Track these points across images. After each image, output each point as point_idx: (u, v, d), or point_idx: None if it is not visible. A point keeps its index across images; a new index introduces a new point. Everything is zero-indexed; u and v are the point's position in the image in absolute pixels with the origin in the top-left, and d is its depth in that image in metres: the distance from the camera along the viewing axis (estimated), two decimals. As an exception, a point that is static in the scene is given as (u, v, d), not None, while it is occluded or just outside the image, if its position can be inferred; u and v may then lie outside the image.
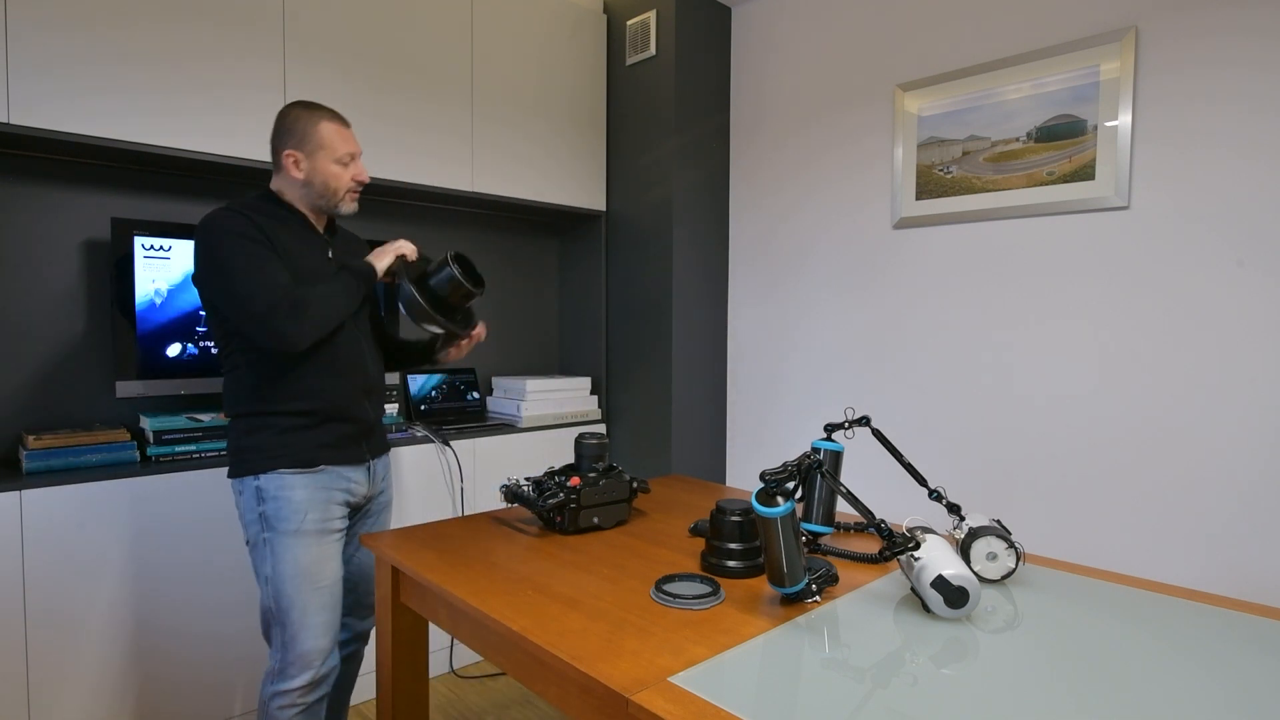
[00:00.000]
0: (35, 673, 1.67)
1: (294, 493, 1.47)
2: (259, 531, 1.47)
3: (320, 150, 1.49)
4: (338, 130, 1.50)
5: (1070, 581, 1.24)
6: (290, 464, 1.47)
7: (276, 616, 1.49)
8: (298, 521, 1.47)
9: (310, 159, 1.49)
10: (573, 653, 0.95)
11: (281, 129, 1.50)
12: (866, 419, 1.37)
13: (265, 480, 1.46)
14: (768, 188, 2.75)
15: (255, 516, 1.47)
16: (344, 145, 1.51)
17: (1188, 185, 1.81)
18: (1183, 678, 0.90)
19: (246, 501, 1.48)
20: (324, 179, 1.51)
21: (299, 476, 1.48)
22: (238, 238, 1.39)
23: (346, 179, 1.53)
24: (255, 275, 1.37)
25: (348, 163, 1.52)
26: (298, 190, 1.53)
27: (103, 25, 1.76)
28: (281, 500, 1.46)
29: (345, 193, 1.54)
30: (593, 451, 1.60)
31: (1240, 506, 1.75)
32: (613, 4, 2.88)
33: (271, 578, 1.47)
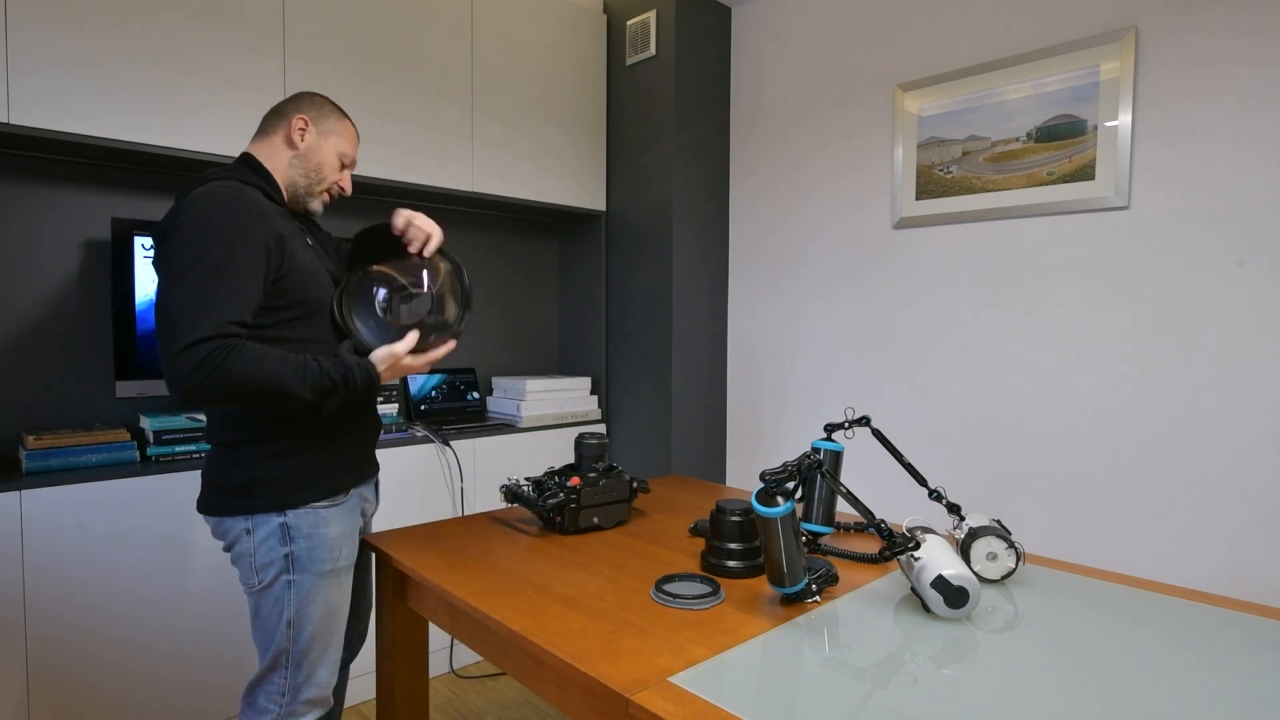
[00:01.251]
0: (35, 672, 1.67)
1: (329, 529, 1.30)
2: (279, 573, 1.27)
3: (333, 135, 1.37)
4: (354, 134, 1.44)
5: (1070, 581, 1.24)
6: (320, 495, 1.30)
7: (292, 659, 1.31)
8: (333, 561, 1.31)
9: (319, 137, 1.36)
10: (573, 653, 0.95)
11: (302, 101, 1.37)
12: (866, 419, 1.37)
13: (295, 517, 1.27)
14: (768, 187, 2.75)
15: (278, 557, 1.27)
16: (352, 148, 1.42)
17: (1188, 185, 1.81)
18: (1183, 678, 0.90)
19: (264, 541, 1.27)
20: (319, 161, 1.37)
21: (333, 510, 1.31)
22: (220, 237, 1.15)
23: (335, 177, 1.40)
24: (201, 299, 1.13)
25: (345, 165, 1.42)
26: (284, 160, 1.35)
27: (103, 25, 1.76)
28: (316, 539, 1.28)
29: (325, 188, 1.40)
30: (593, 451, 1.60)
31: (1241, 506, 1.75)
32: (613, 4, 2.88)
33: (296, 622, 1.29)
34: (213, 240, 1.15)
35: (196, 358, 1.11)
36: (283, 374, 1.18)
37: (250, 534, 1.28)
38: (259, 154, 1.35)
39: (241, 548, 1.29)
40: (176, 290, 1.13)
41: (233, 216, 1.18)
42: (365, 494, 1.46)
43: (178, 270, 1.14)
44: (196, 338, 1.11)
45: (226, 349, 1.12)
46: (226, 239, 1.16)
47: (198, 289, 1.13)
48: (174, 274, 1.14)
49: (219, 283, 1.14)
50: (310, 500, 1.29)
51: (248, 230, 1.18)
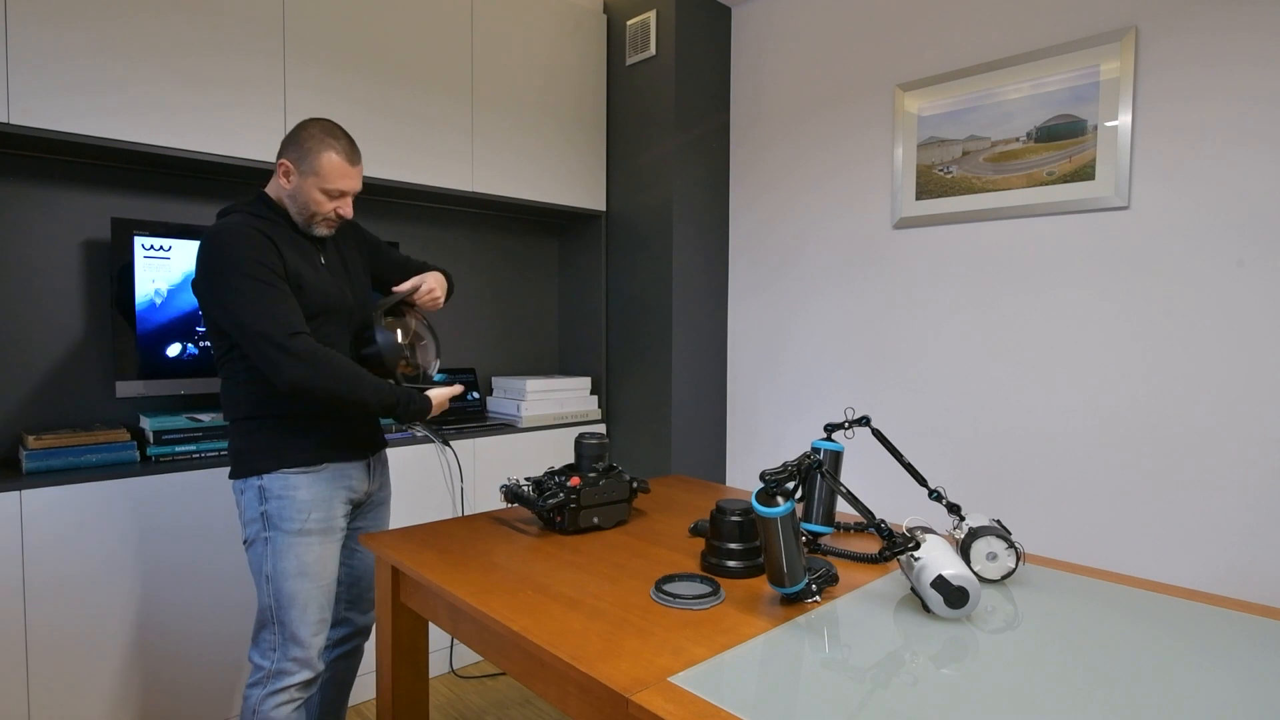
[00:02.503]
0: (35, 672, 1.67)
1: (298, 492, 1.48)
2: (260, 530, 1.47)
3: (312, 175, 1.48)
4: (339, 165, 1.49)
5: (1070, 581, 1.24)
6: (293, 463, 1.48)
7: (275, 615, 1.48)
8: (301, 521, 1.48)
9: (301, 177, 1.48)
10: (573, 653, 0.95)
11: (291, 139, 1.50)
12: (866, 419, 1.37)
13: (269, 480, 1.47)
14: (768, 187, 2.75)
15: (257, 515, 1.47)
16: (338, 180, 1.49)
17: (1188, 185, 1.81)
18: (1183, 678, 0.90)
19: (248, 501, 1.48)
20: (305, 200, 1.50)
21: (303, 476, 1.49)
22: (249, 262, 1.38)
23: (327, 209, 1.51)
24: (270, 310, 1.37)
25: (335, 196, 1.51)
26: (284, 196, 1.53)
27: (103, 25, 1.76)
28: (286, 500, 1.47)
29: (320, 219, 1.53)
30: (593, 451, 1.60)
31: (1241, 506, 1.75)
32: (613, 4, 2.88)
33: (272, 576, 1.47)
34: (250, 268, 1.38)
35: (300, 349, 1.36)
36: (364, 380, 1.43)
37: (242, 494, 1.50)
38: (270, 189, 1.54)
39: (239, 506, 1.52)
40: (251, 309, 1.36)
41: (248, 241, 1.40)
42: (350, 472, 1.58)
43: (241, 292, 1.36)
44: (291, 331, 1.36)
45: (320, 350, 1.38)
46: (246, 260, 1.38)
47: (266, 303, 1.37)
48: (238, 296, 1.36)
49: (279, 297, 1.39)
50: (280, 467, 1.47)
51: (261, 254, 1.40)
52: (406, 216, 2.66)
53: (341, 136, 1.51)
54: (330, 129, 1.50)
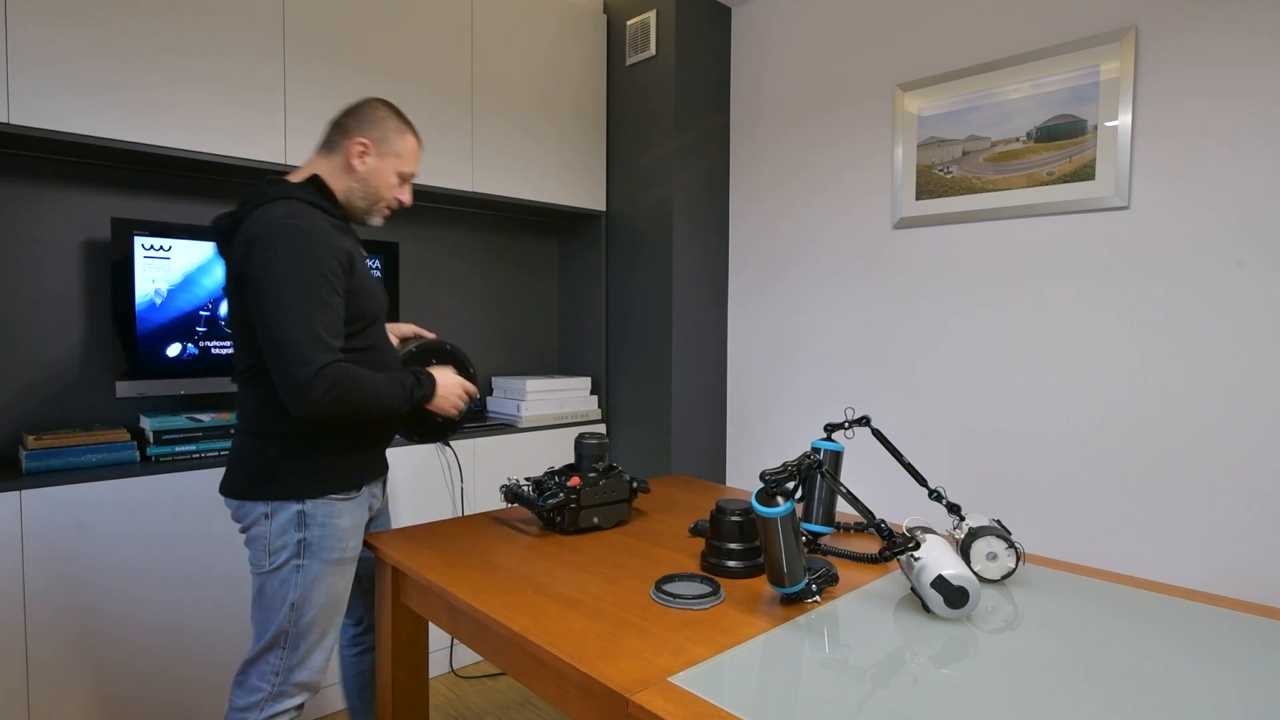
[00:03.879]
0: (35, 672, 1.67)
1: (341, 520, 1.38)
2: (290, 557, 1.35)
3: (393, 156, 1.41)
4: (416, 148, 1.46)
5: (1070, 581, 1.24)
6: (337, 489, 1.38)
7: (290, 641, 1.37)
8: (340, 550, 1.39)
9: (379, 158, 1.41)
10: (573, 653, 0.95)
11: (362, 117, 1.40)
12: (866, 419, 1.37)
13: (311, 506, 1.35)
14: (768, 187, 2.75)
15: (292, 542, 1.34)
16: (412, 165, 1.45)
17: (1188, 185, 1.81)
18: (1183, 677, 0.90)
19: (279, 525, 1.34)
20: (378, 183, 1.42)
21: (346, 503, 1.39)
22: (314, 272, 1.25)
23: (393, 195, 1.46)
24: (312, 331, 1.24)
25: (406, 179, 1.47)
26: (345, 181, 1.41)
27: (103, 25, 1.76)
28: (329, 529, 1.36)
29: (384, 205, 1.46)
30: (593, 451, 1.60)
31: (1241, 506, 1.75)
32: (613, 4, 2.88)
33: (299, 604, 1.36)
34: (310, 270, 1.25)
35: (327, 382, 1.24)
36: (384, 390, 1.34)
37: (269, 518, 1.35)
38: (322, 171, 1.41)
39: (258, 530, 1.36)
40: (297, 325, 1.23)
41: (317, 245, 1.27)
42: (374, 490, 1.52)
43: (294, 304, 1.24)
44: (321, 364, 1.24)
45: (342, 373, 1.27)
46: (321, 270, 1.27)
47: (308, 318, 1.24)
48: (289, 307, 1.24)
49: (324, 311, 1.26)
50: (328, 492, 1.37)
51: (327, 258, 1.28)
52: (406, 217, 2.66)
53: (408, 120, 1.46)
54: (396, 110, 1.44)
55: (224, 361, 2.08)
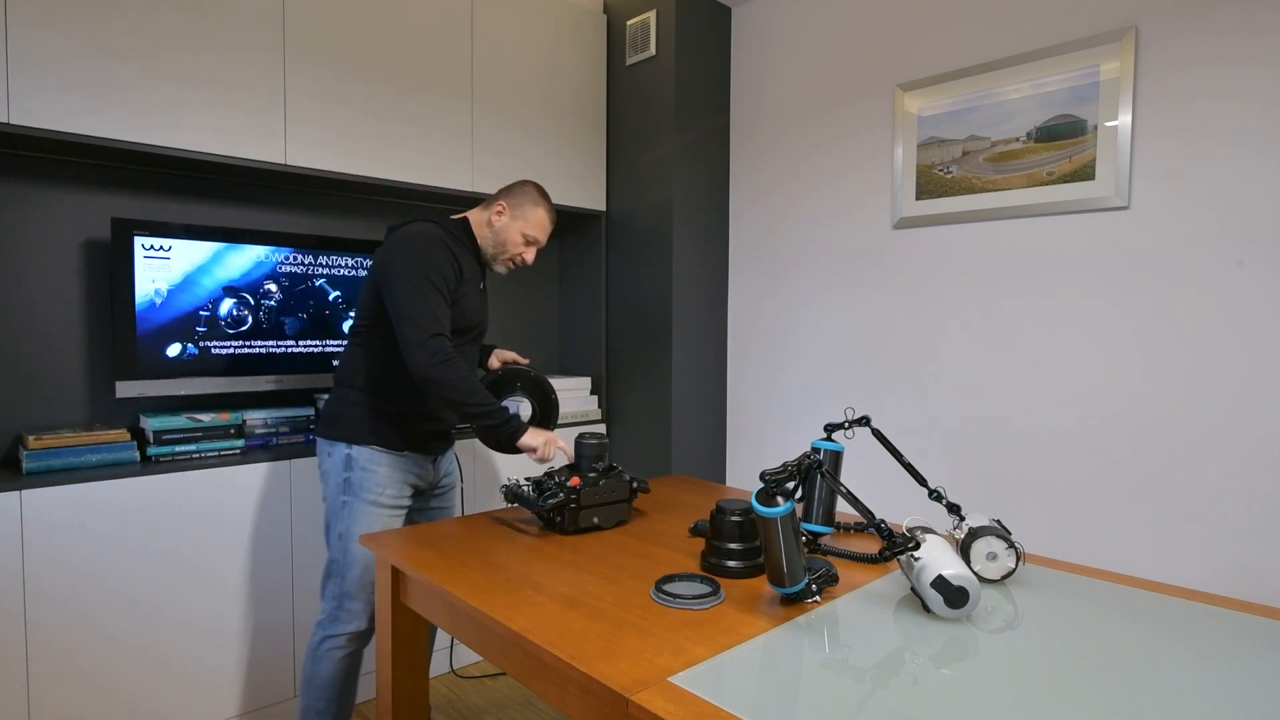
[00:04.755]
0: (35, 672, 1.67)
1: (379, 469, 1.68)
2: (339, 492, 1.67)
3: (521, 220, 1.77)
4: (544, 220, 1.80)
5: (1070, 581, 1.24)
6: (381, 444, 1.69)
7: (339, 569, 1.67)
8: (377, 493, 1.68)
9: (511, 220, 1.77)
10: (573, 653, 0.95)
11: (511, 189, 1.80)
12: (866, 419, 1.37)
13: (356, 451, 1.67)
14: (768, 187, 2.75)
15: (340, 479, 1.67)
16: (538, 231, 1.79)
17: (1188, 185, 1.81)
18: (1183, 678, 0.90)
19: (335, 463, 1.68)
20: (505, 239, 1.78)
21: (385, 455, 1.70)
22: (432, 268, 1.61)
23: (518, 251, 1.80)
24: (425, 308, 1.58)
25: (530, 242, 1.80)
26: (484, 230, 1.80)
27: (103, 24, 1.77)
28: (368, 473, 1.67)
29: (506, 258, 1.81)
30: (593, 451, 1.61)
31: (1241, 506, 1.75)
32: (613, 4, 2.88)
33: (344, 535, 1.67)
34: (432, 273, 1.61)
35: (435, 348, 1.56)
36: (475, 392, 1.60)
37: (329, 455, 1.70)
38: (472, 218, 1.81)
39: (323, 466, 1.72)
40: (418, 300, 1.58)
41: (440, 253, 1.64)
42: (422, 463, 1.79)
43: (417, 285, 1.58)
44: (434, 332, 1.57)
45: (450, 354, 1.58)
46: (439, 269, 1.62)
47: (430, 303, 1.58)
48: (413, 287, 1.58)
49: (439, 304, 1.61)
50: (372, 443, 1.68)
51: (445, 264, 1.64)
52: (407, 217, 2.66)
53: (549, 202, 1.82)
54: (544, 192, 1.81)
55: (224, 361, 2.08)
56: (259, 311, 2.14)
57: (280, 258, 2.18)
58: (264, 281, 2.15)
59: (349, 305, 2.33)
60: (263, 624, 2.01)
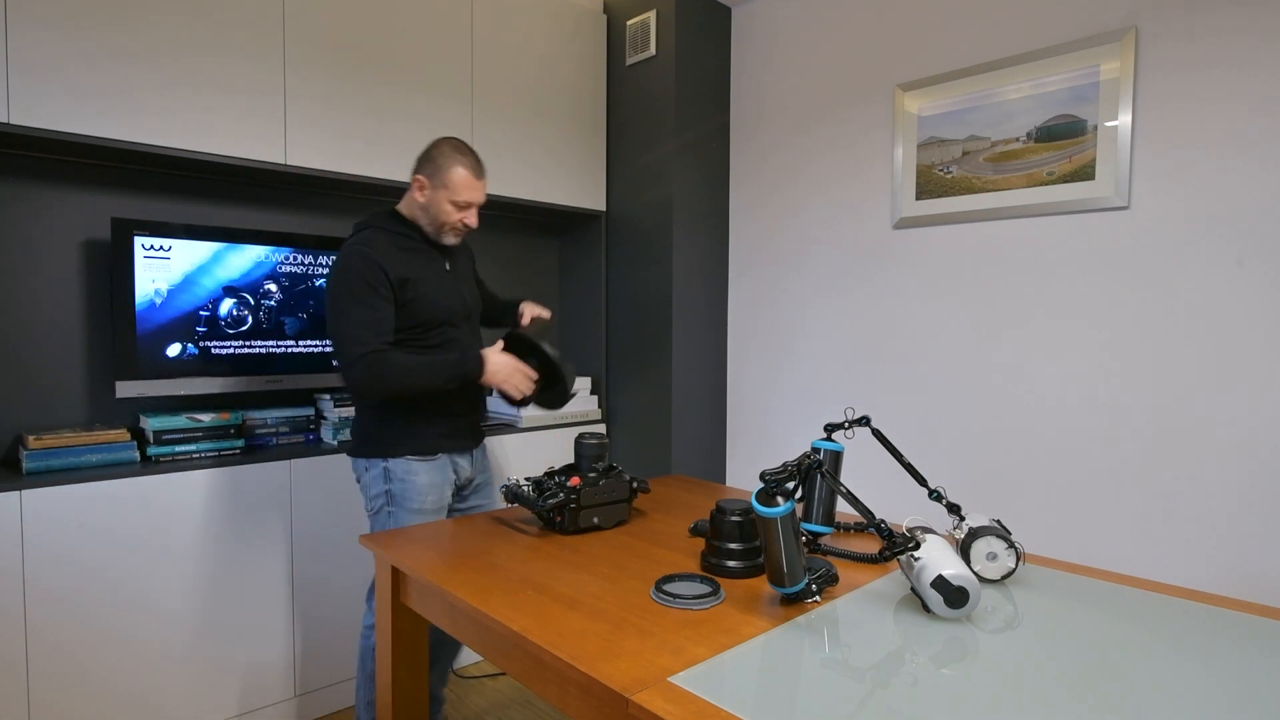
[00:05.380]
0: (35, 672, 1.67)
1: (419, 478, 1.70)
2: (383, 505, 1.70)
3: (443, 188, 1.66)
4: (466, 178, 1.67)
5: (1070, 581, 1.24)
6: (415, 452, 1.70)
7: None
8: (420, 501, 1.70)
9: (433, 191, 1.68)
10: (573, 653, 0.95)
11: (424, 157, 1.69)
12: (866, 419, 1.37)
13: (393, 463, 1.69)
14: (768, 187, 2.75)
15: (381, 492, 1.70)
16: (465, 193, 1.67)
17: (1188, 185, 1.81)
18: (1183, 678, 0.90)
19: (373, 479, 1.71)
20: (436, 211, 1.69)
21: (420, 463, 1.71)
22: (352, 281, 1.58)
23: (455, 219, 1.70)
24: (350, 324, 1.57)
25: (463, 207, 1.70)
26: (416, 211, 1.72)
27: (103, 25, 1.77)
28: (408, 483, 1.70)
29: (449, 228, 1.72)
30: (593, 451, 1.60)
31: (1241, 506, 1.75)
32: (613, 4, 2.88)
33: None
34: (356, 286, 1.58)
35: (362, 366, 1.55)
36: (424, 370, 1.59)
37: (366, 471, 1.72)
38: (402, 206, 1.74)
39: (363, 480, 1.73)
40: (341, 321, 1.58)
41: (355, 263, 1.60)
42: (460, 461, 1.81)
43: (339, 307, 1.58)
44: (357, 354, 1.55)
45: (379, 359, 1.56)
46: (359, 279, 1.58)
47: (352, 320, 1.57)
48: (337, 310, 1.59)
49: (366, 314, 1.58)
50: (405, 453, 1.69)
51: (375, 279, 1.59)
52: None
53: (468, 153, 1.68)
54: (458, 146, 1.67)
55: (224, 361, 2.08)
56: (259, 311, 2.14)
57: (280, 258, 2.18)
58: (264, 281, 2.15)
59: (349, 305, 2.33)
60: (262, 624, 2.01)
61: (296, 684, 2.08)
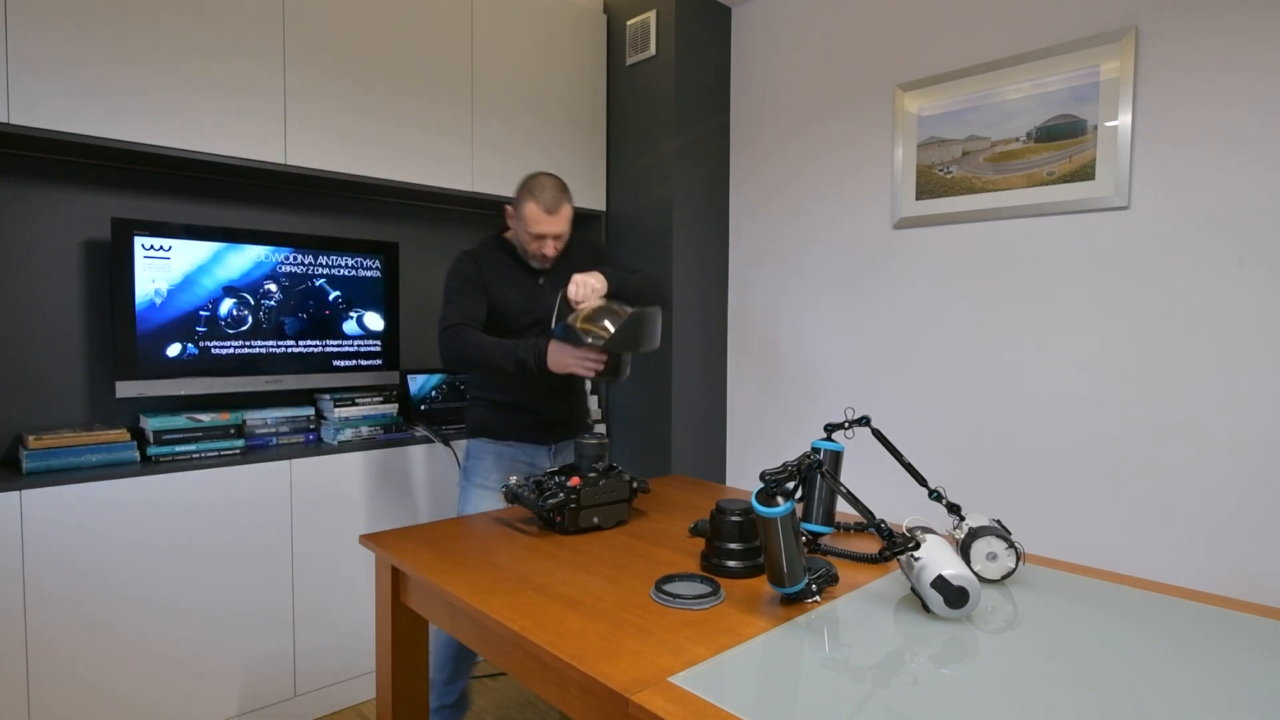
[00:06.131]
0: (35, 672, 1.67)
1: (486, 456, 1.90)
2: (462, 479, 1.93)
3: (521, 221, 1.82)
4: (536, 213, 1.79)
5: (1070, 581, 1.24)
6: (487, 435, 1.91)
7: None
8: (483, 477, 1.89)
9: (516, 221, 1.85)
10: (573, 653, 0.95)
11: (516, 193, 1.84)
12: (866, 419, 1.37)
13: (471, 443, 1.94)
14: (768, 187, 2.75)
15: (463, 468, 1.95)
16: (535, 226, 1.80)
17: (1188, 185, 1.81)
18: (1182, 678, 0.90)
19: (463, 455, 2.00)
20: (520, 241, 1.86)
21: (490, 445, 1.91)
22: (454, 276, 1.84)
23: (533, 248, 1.84)
24: (449, 306, 1.80)
25: (538, 238, 1.82)
26: (512, 236, 1.91)
27: (103, 25, 1.77)
28: (477, 460, 1.91)
29: (531, 255, 1.86)
30: (593, 451, 1.60)
31: (1240, 506, 1.75)
32: (613, 4, 2.88)
33: (460, 513, 1.92)
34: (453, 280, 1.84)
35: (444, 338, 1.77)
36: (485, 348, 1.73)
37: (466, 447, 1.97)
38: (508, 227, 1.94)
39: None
40: (442, 306, 1.82)
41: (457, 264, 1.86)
42: (535, 453, 1.94)
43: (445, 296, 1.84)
44: (443, 327, 1.78)
45: (456, 331, 1.75)
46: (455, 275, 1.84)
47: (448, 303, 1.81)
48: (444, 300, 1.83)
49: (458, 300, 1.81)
50: (479, 435, 1.93)
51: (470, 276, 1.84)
52: (407, 217, 2.66)
53: (547, 189, 1.79)
54: (539, 182, 1.80)
55: (224, 361, 2.08)
56: (259, 311, 2.14)
57: (280, 258, 2.18)
58: (264, 281, 2.15)
59: (349, 305, 2.33)
60: (263, 624, 2.01)
61: (296, 684, 2.08)
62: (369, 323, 2.38)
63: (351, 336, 2.34)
